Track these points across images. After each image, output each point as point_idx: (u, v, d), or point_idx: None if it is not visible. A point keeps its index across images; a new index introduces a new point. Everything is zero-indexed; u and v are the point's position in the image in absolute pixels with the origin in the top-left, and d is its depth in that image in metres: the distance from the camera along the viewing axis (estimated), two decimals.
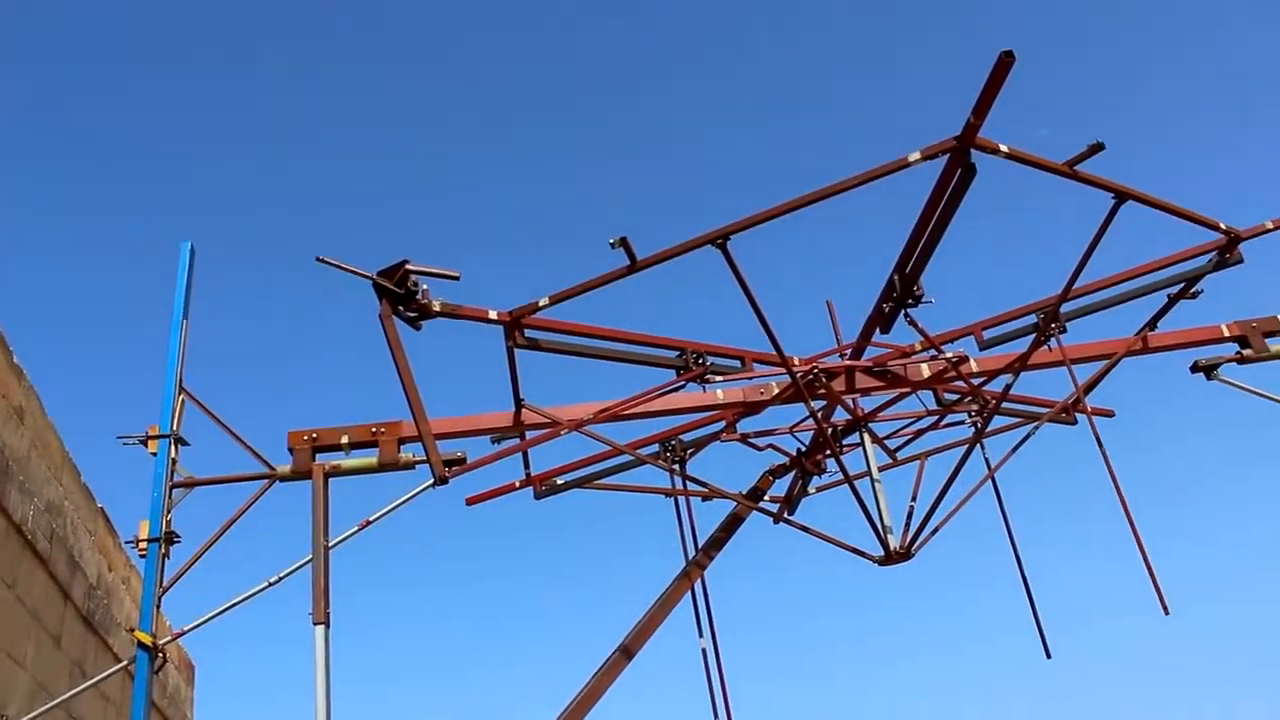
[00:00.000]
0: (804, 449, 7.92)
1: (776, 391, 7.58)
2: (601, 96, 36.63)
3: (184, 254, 7.45)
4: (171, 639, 7.04)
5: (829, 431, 7.53)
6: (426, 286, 6.54)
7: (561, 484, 8.32)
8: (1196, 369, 8.04)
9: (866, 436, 7.78)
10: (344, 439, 7.11)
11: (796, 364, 7.30)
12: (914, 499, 7.68)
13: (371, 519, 6.77)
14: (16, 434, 7.99)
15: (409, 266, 6.40)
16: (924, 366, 7.62)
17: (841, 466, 7.26)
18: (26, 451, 8.15)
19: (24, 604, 8.11)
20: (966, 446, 7.50)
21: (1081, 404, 7.43)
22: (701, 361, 7.33)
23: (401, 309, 6.53)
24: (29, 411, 8.28)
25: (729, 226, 6.28)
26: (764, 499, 7.88)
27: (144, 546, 6.64)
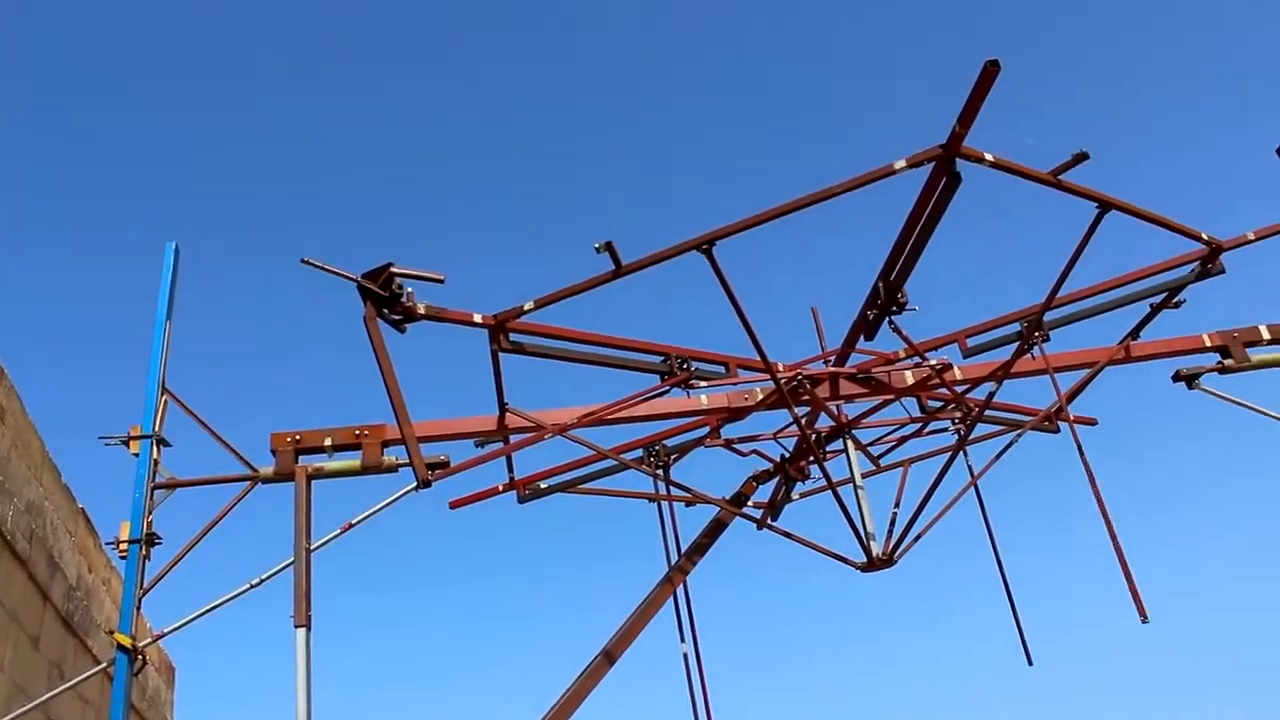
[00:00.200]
0: (788, 455, 7.93)
1: (761, 397, 7.58)
2: (598, 97, 36.66)
3: (168, 255, 7.42)
4: (151, 641, 7.00)
5: (813, 438, 7.54)
6: (411, 289, 6.54)
7: (545, 488, 8.32)
8: (1178, 378, 8.08)
9: (850, 443, 7.80)
10: (327, 441, 7.08)
11: (781, 370, 7.31)
12: (897, 506, 7.70)
13: (354, 522, 6.74)
14: None
15: (394, 269, 6.39)
16: (908, 373, 7.64)
17: (825, 473, 7.27)
18: (6, 451, 8.10)
19: (2, 605, 8.06)
20: (950, 454, 7.53)
21: (1064, 412, 7.47)
22: (686, 367, 7.34)
23: (386, 311, 6.52)
24: (9, 411, 8.23)
25: (714, 232, 6.28)
26: (747, 504, 7.89)
27: (124, 548, 6.60)
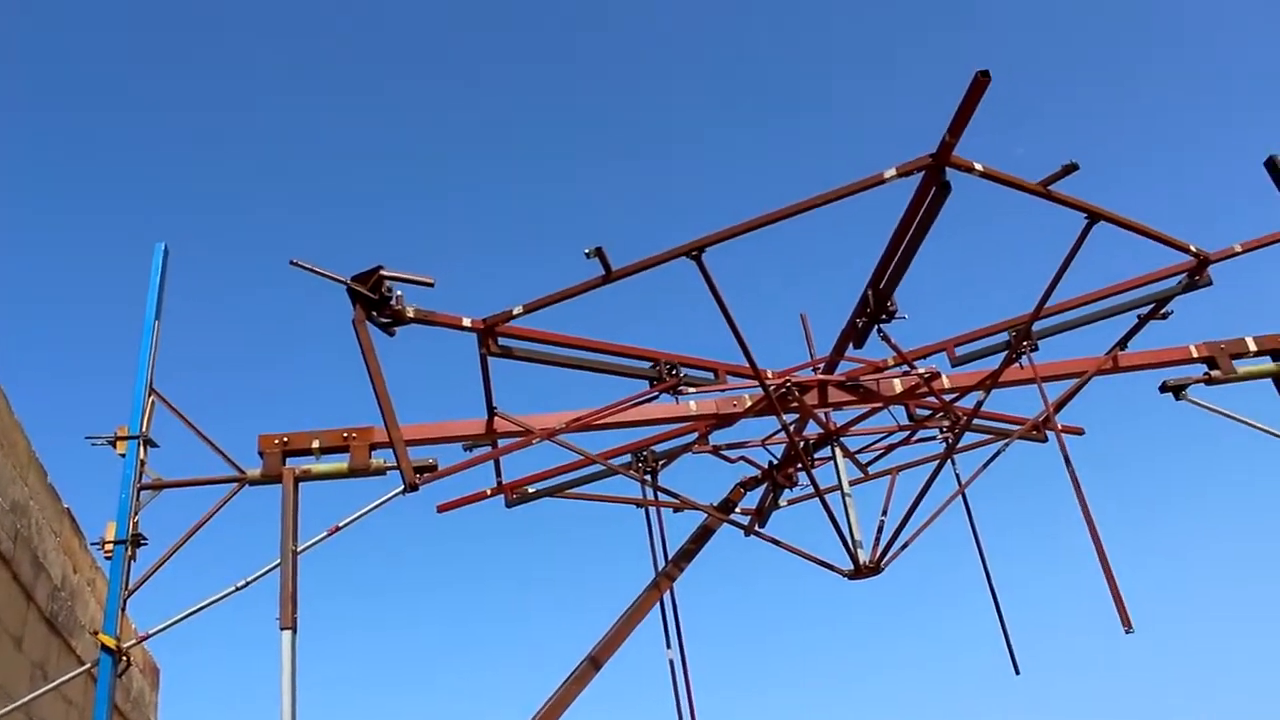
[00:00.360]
0: (776, 462, 7.94)
1: (749, 404, 7.59)
2: (593, 97, 36.66)
3: (157, 255, 7.41)
4: (136, 642, 6.99)
5: (801, 445, 7.55)
6: (401, 292, 6.54)
7: (533, 492, 8.31)
8: (1165, 389, 8.10)
9: (838, 450, 7.82)
10: (315, 443, 7.07)
11: (769, 377, 7.32)
12: (884, 513, 7.72)
13: (341, 525, 6.73)
14: None
15: (383, 272, 6.39)
16: (896, 382, 7.66)
17: (813, 480, 7.29)
18: None
19: None
20: (937, 462, 7.54)
21: (1052, 422, 7.48)
22: (675, 373, 7.35)
23: (375, 314, 6.52)
24: None
25: (704, 239, 6.30)
26: (735, 511, 7.90)
27: (110, 548, 6.58)
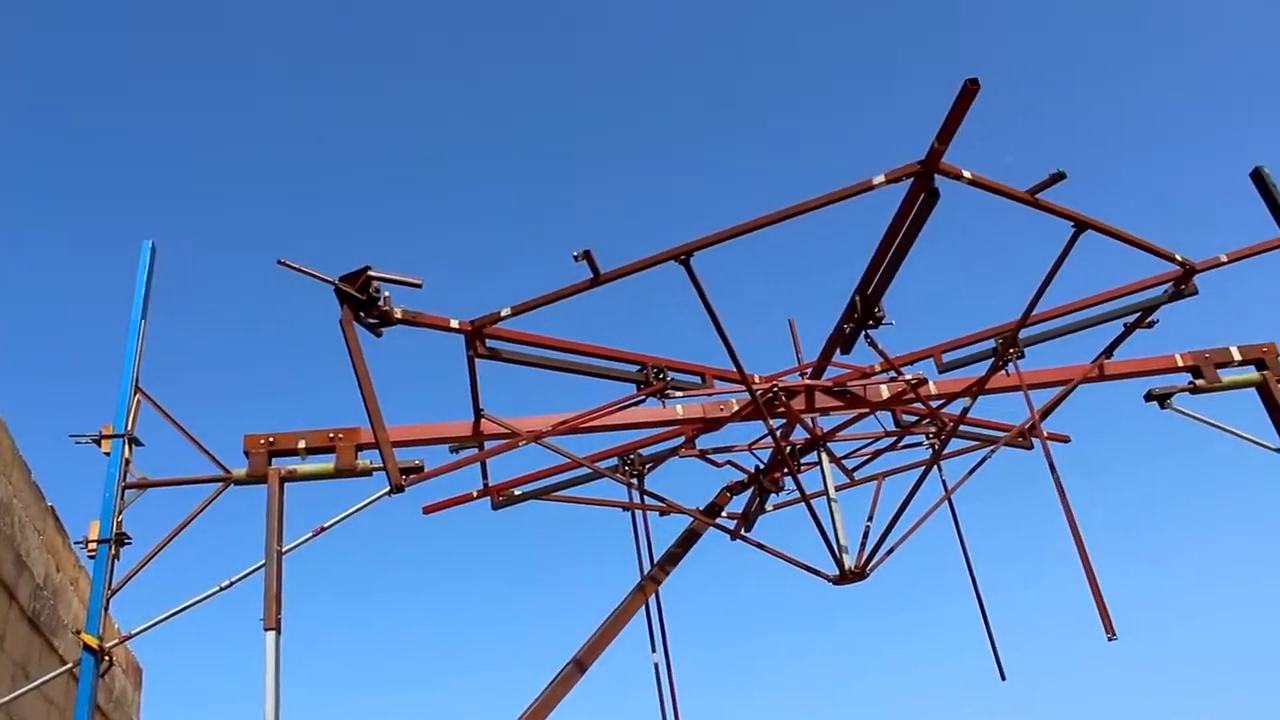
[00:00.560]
0: (762, 466, 7.95)
1: (736, 408, 7.60)
2: (588, 98, 36.64)
3: (144, 253, 7.39)
4: (119, 641, 6.96)
5: (787, 450, 7.56)
6: (388, 293, 6.53)
7: (519, 495, 8.31)
8: (1150, 397, 8.14)
9: (824, 456, 7.83)
10: (301, 444, 7.07)
11: (757, 381, 7.33)
12: (870, 519, 7.72)
13: (326, 525, 6.73)
14: None
15: (371, 273, 6.39)
16: (883, 388, 7.68)
17: (799, 485, 7.30)
18: None
19: None
20: (924, 468, 7.57)
21: (1037, 429, 7.52)
22: (662, 376, 7.35)
23: (362, 315, 6.51)
24: None
25: (692, 243, 6.30)
26: (721, 515, 7.90)
27: (93, 547, 6.56)
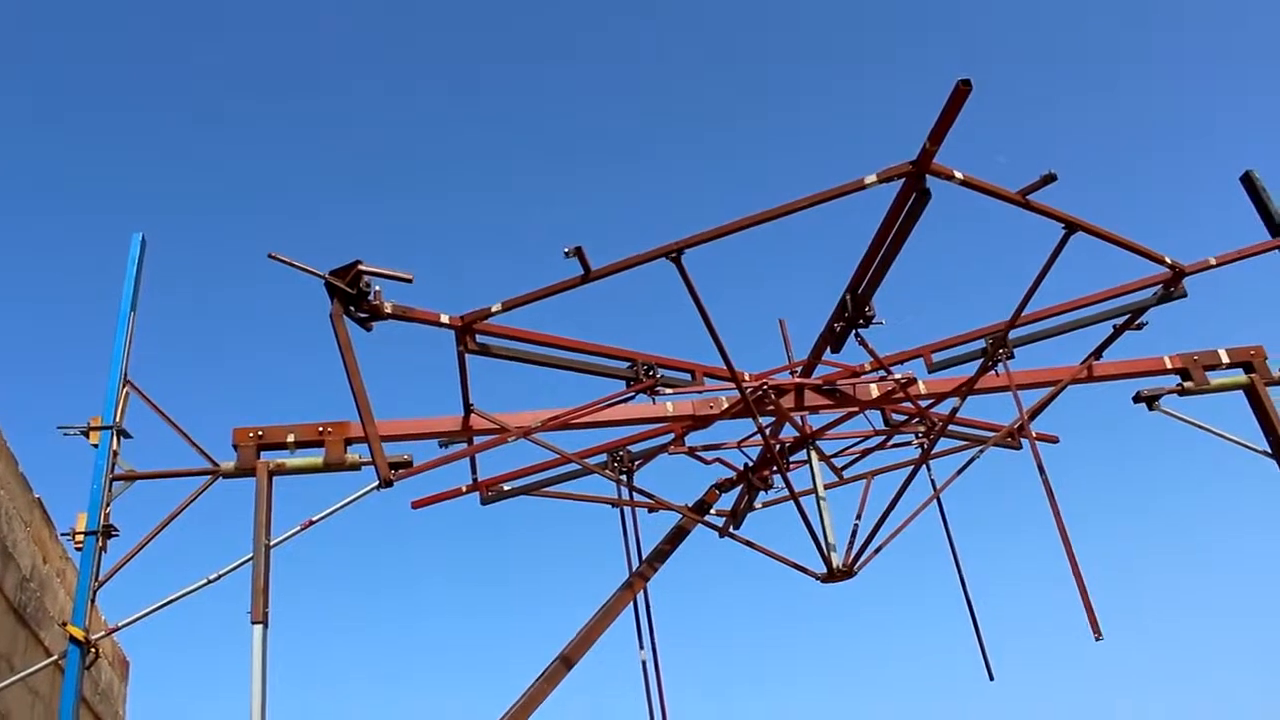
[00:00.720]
0: (751, 464, 7.96)
1: (726, 406, 7.61)
2: (581, 95, 36.59)
3: (134, 245, 7.38)
4: (106, 634, 6.95)
5: (776, 448, 7.57)
6: (379, 288, 6.53)
7: (508, 490, 8.31)
8: (1139, 399, 8.17)
9: (813, 454, 7.84)
10: (290, 437, 7.06)
11: (747, 379, 7.34)
12: (859, 518, 7.76)
13: (315, 519, 6.73)
14: None
15: (361, 267, 6.38)
16: (873, 387, 7.70)
17: (788, 483, 7.31)
18: None
19: None
20: (912, 467, 7.59)
21: (1026, 429, 7.54)
22: (652, 373, 7.36)
23: (353, 309, 6.51)
24: None
25: (684, 240, 6.31)
26: (710, 512, 7.91)
27: (80, 539, 6.55)
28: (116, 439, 6.86)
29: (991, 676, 7.98)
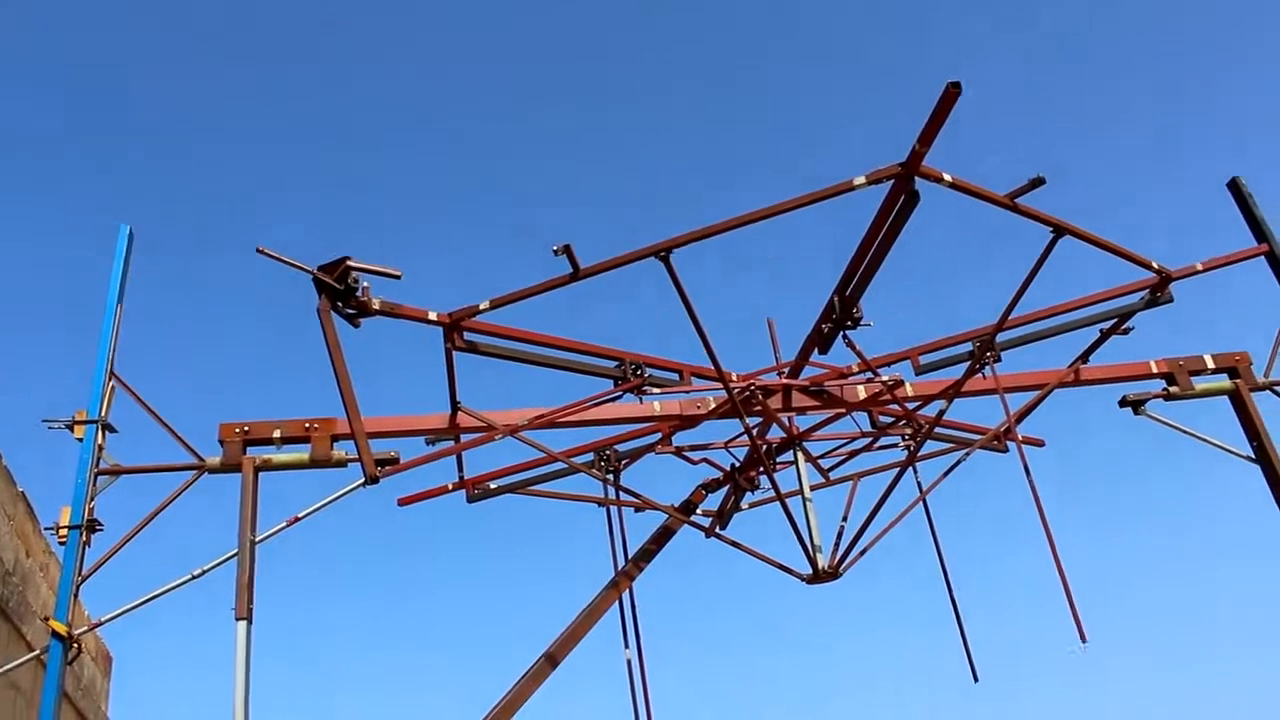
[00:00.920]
0: (738, 464, 7.96)
1: (713, 406, 7.61)
2: (574, 93, 36.58)
3: (122, 237, 7.35)
4: (89, 629, 6.92)
5: (763, 448, 7.58)
6: (367, 284, 6.52)
7: (495, 488, 8.30)
8: (1125, 403, 8.21)
9: (800, 455, 7.85)
10: (276, 433, 7.05)
11: (734, 380, 7.35)
12: (845, 519, 7.77)
13: (300, 515, 6.71)
14: None
15: (350, 263, 6.37)
16: (860, 388, 7.71)
17: (774, 484, 7.31)
18: None
19: None
20: (899, 469, 7.60)
21: (1013, 432, 7.56)
22: (640, 373, 7.36)
23: (340, 305, 6.50)
24: None
25: (673, 240, 6.32)
26: (696, 513, 7.91)
27: (64, 533, 6.52)
28: (101, 433, 6.83)
29: (976, 678, 8.01)
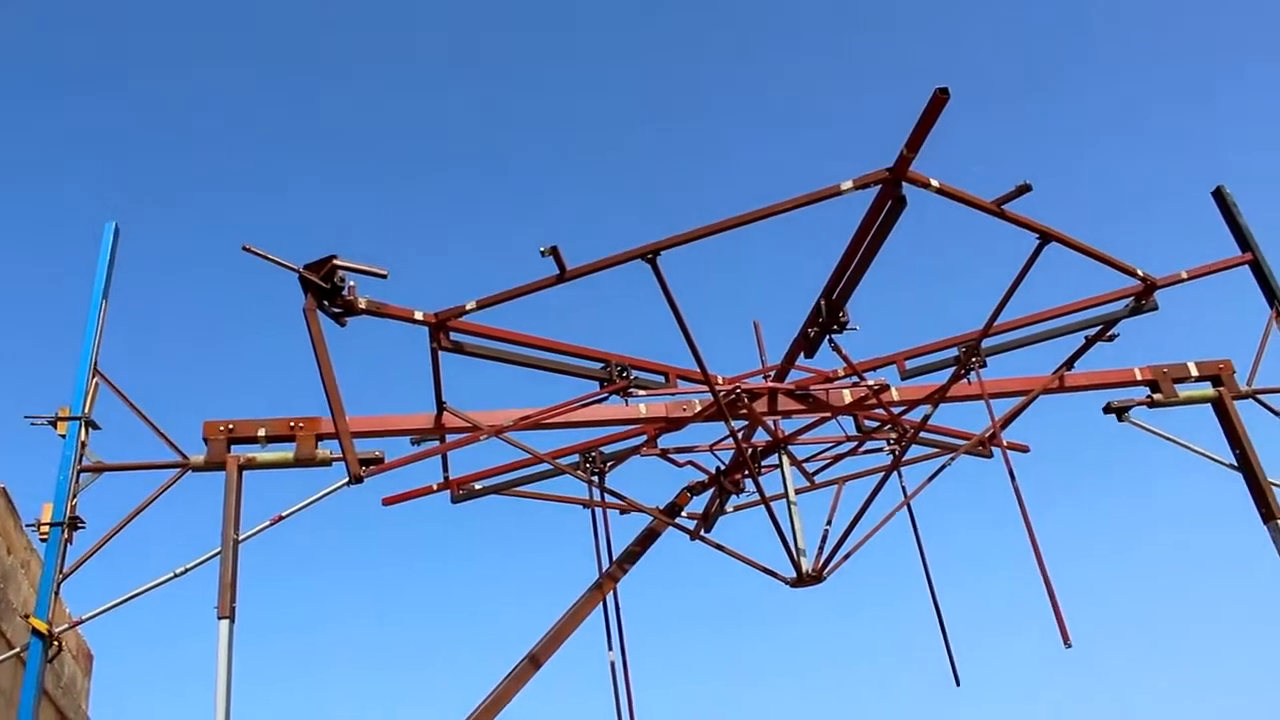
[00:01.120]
0: (723, 467, 7.97)
1: (699, 409, 7.62)
2: (568, 91, 36.54)
3: (107, 234, 7.33)
4: (69, 627, 6.89)
5: (749, 452, 7.58)
6: (354, 283, 6.50)
7: (480, 489, 8.28)
8: (1109, 410, 8.24)
9: (785, 458, 7.86)
10: (260, 432, 7.03)
11: (720, 383, 7.35)
12: (829, 523, 7.78)
13: (284, 514, 6.70)
14: None
15: (336, 261, 6.36)
16: (846, 392, 7.73)
17: (759, 487, 7.32)
18: None
19: None
20: (884, 473, 7.61)
21: (997, 438, 7.57)
22: (626, 375, 7.37)
23: (327, 304, 6.48)
24: None
25: (660, 242, 6.32)
26: (681, 515, 7.91)
27: (45, 530, 6.50)
28: (85, 430, 6.81)
29: (958, 682, 8.03)
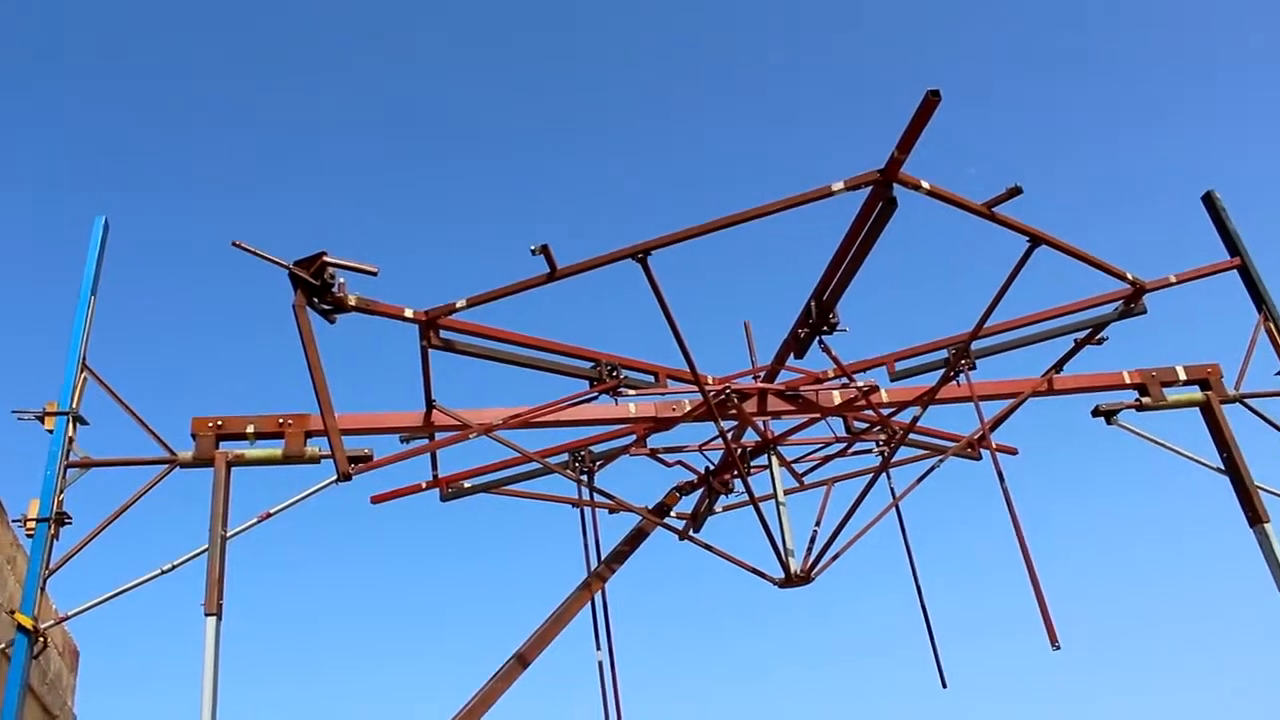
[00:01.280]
0: (712, 468, 7.97)
1: (688, 409, 7.62)
2: (561, 89, 36.50)
3: (97, 228, 7.31)
4: (55, 623, 6.87)
5: (738, 452, 7.59)
6: (344, 280, 6.50)
7: (469, 487, 8.28)
8: (1097, 413, 8.25)
9: (774, 459, 7.87)
10: (249, 428, 7.02)
11: (710, 383, 7.36)
12: (818, 524, 7.78)
13: (272, 511, 6.69)
14: None
15: (326, 258, 6.35)
16: (835, 394, 7.74)
17: (748, 487, 7.33)
18: None
19: None
20: (872, 475, 7.62)
21: (986, 440, 7.59)
22: (616, 374, 7.37)
23: (316, 301, 6.47)
24: None
25: (650, 242, 6.32)
26: (670, 515, 7.91)
27: (32, 526, 6.48)
28: (73, 425, 6.78)
29: (945, 684, 8.03)
